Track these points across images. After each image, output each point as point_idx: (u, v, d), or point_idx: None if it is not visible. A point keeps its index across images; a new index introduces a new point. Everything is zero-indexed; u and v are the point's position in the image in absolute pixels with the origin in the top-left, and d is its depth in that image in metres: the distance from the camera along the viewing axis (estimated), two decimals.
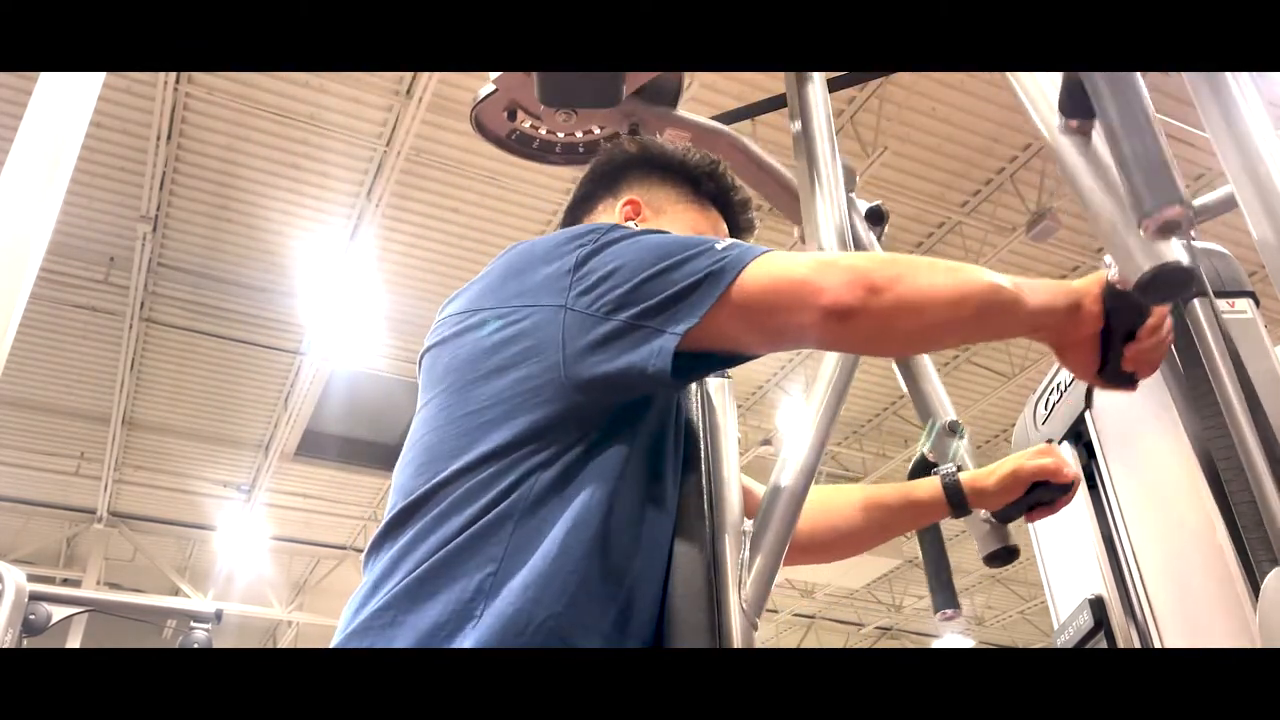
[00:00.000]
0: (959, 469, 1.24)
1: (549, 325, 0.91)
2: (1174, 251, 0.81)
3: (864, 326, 0.87)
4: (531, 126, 1.55)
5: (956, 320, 0.90)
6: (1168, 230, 0.76)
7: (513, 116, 1.52)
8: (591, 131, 1.57)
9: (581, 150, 1.60)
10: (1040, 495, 1.21)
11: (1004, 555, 1.24)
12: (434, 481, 0.90)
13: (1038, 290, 0.93)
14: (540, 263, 0.96)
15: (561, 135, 1.57)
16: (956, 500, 1.22)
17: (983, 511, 1.24)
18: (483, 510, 0.87)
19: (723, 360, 0.94)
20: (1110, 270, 0.91)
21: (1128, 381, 0.97)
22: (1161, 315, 0.95)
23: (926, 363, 1.40)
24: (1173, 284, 0.82)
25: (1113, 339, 0.94)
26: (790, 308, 0.88)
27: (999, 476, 1.20)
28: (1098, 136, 0.87)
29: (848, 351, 1.05)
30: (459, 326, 0.99)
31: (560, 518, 0.87)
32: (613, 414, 0.93)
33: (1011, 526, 1.25)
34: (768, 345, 0.95)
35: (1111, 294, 0.92)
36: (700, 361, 0.92)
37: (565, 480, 0.89)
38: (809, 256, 0.92)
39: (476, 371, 0.94)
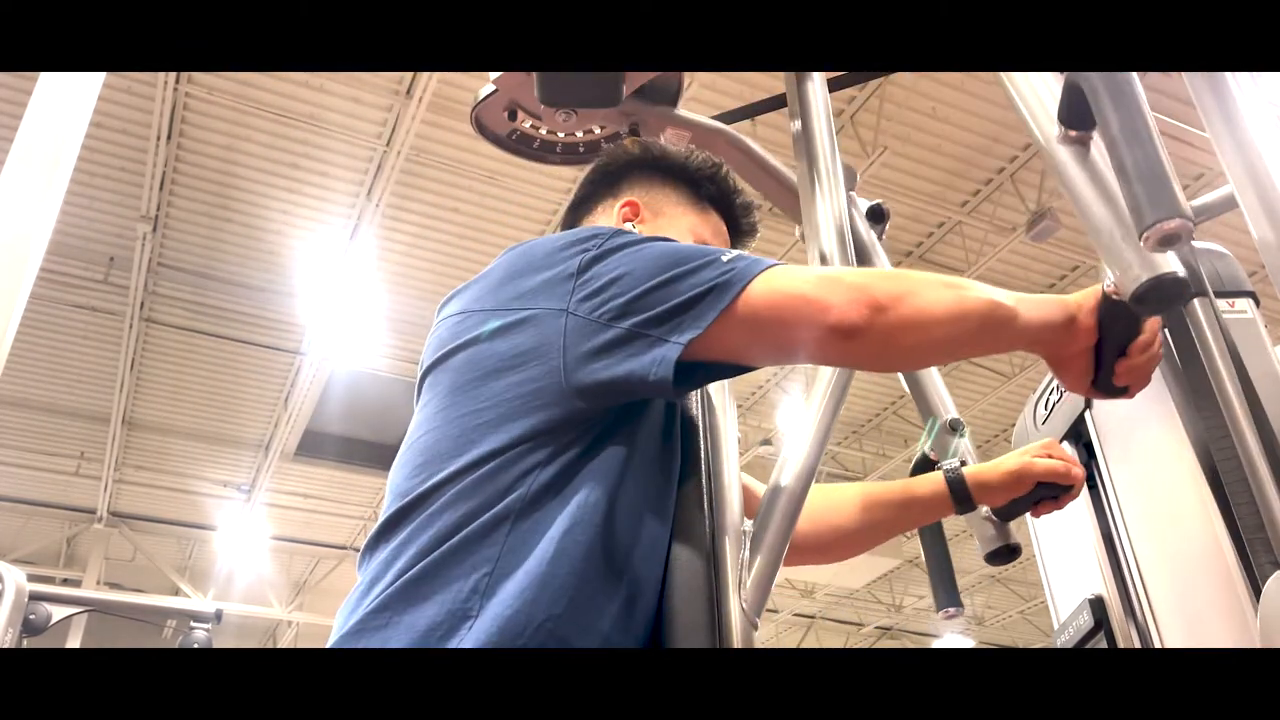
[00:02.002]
0: (963, 464, 1.24)
1: (550, 329, 0.91)
2: (1170, 262, 0.81)
3: (868, 344, 0.88)
4: (532, 126, 1.55)
5: (957, 336, 0.91)
6: (1168, 242, 0.76)
7: (513, 116, 1.52)
8: (592, 131, 1.57)
9: (582, 150, 1.60)
10: (1045, 493, 1.20)
11: (1005, 554, 1.24)
12: (430, 482, 0.89)
13: (1035, 305, 0.94)
14: (541, 265, 0.96)
15: (561, 135, 1.57)
16: (960, 495, 1.21)
17: (984, 509, 1.23)
18: (478, 510, 0.86)
19: (724, 370, 0.94)
20: (1106, 282, 0.91)
21: (1120, 392, 0.98)
22: (1153, 331, 0.96)
23: None
24: (1168, 295, 0.82)
25: (1106, 352, 0.95)
26: (795, 324, 0.88)
27: (1004, 472, 1.20)
28: (1096, 146, 0.87)
29: (850, 367, 1.05)
30: (458, 327, 0.98)
31: (557, 519, 0.87)
32: (611, 417, 0.93)
33: (1012, 524, 1.25)
34: (770, 359, 0.95)
35: (1107, 306, 0.93)
36: (701, 371, 0.92)
37: (563, 481, 0.89)
38: (815, 272, 0.93)
39: (475, 373, 0.93)
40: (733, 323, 0.88)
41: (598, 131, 1.56)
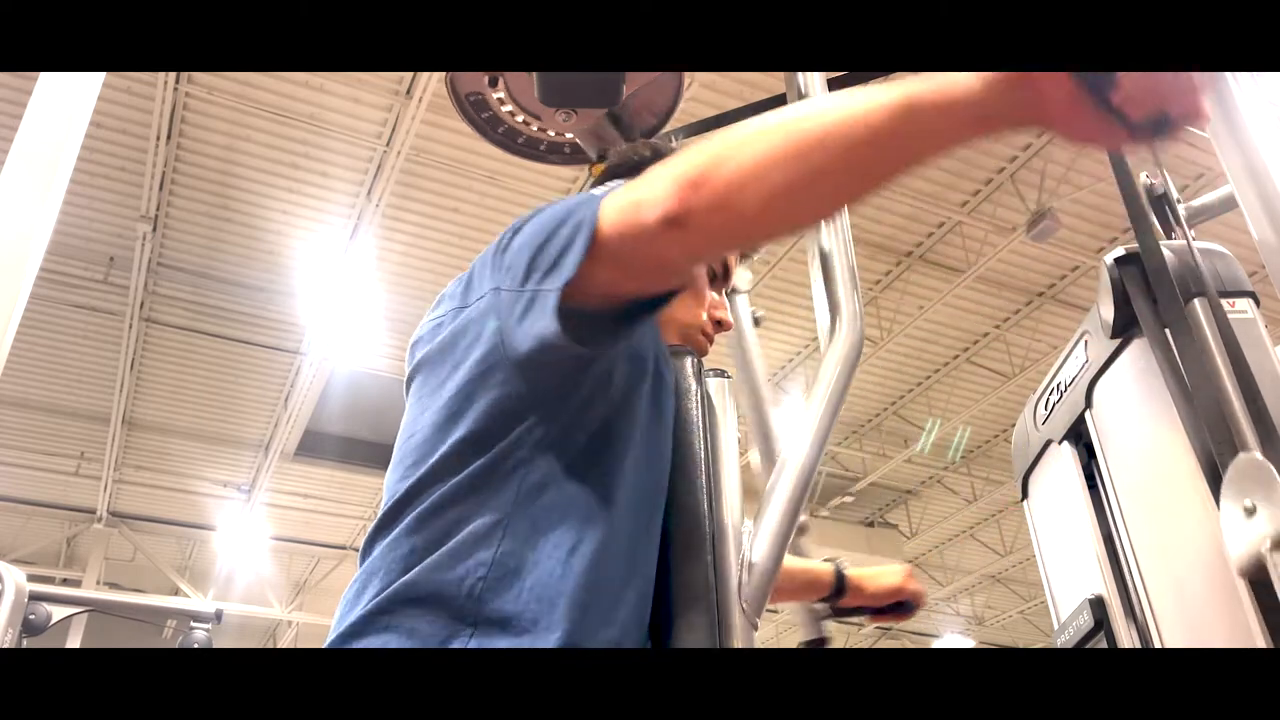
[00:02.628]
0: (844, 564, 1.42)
1: (486, 309, 0.93)
2: None
3: (705, 226, 0.79)
4: (509, 113, 1.55)
5: (820, 170, 0.75)
6: None
7: (494, 84, 1.52)
8: (561, 136, 1.58)
9: (542, 148, 1.60)
10: (893, 609, 1.42)
11: (818, 644, 1.42)
12: (416, 479, 0.90)
13: (950, 81, 0.72)
14: (488, 254, 0.98)
15: (533, 130, 1.57)
16: (839, 588, 1.39)
17: (822, 604, 1.42)
18: (471, 513, 0.86)
19: (635, 311, 0.89)
20: None
21: (1160, 127, 0.72)
22: None
23: (768, 410, 1.51)
24: None
25: (1098, 86, 0.70)
26: (634, 236, 0.82)
27: (880, 586, 1.41)
28: None
29: (708, 257, 0.97)
30: (434, 327, 1.00)
31: (552, 523, 0.86)
32: (584, 408, 0.92)
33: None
34: (647, 281, 0.88)
35: None
36: (606, 320, 0.88)
37: (553, 483, 0.88)
38: (645, 175, 0.84)
39: (442, 369, 0.95)
40: (600, 258, 0.84)
41: (566, 136, 1.57)
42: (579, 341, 0.86)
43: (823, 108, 0.76)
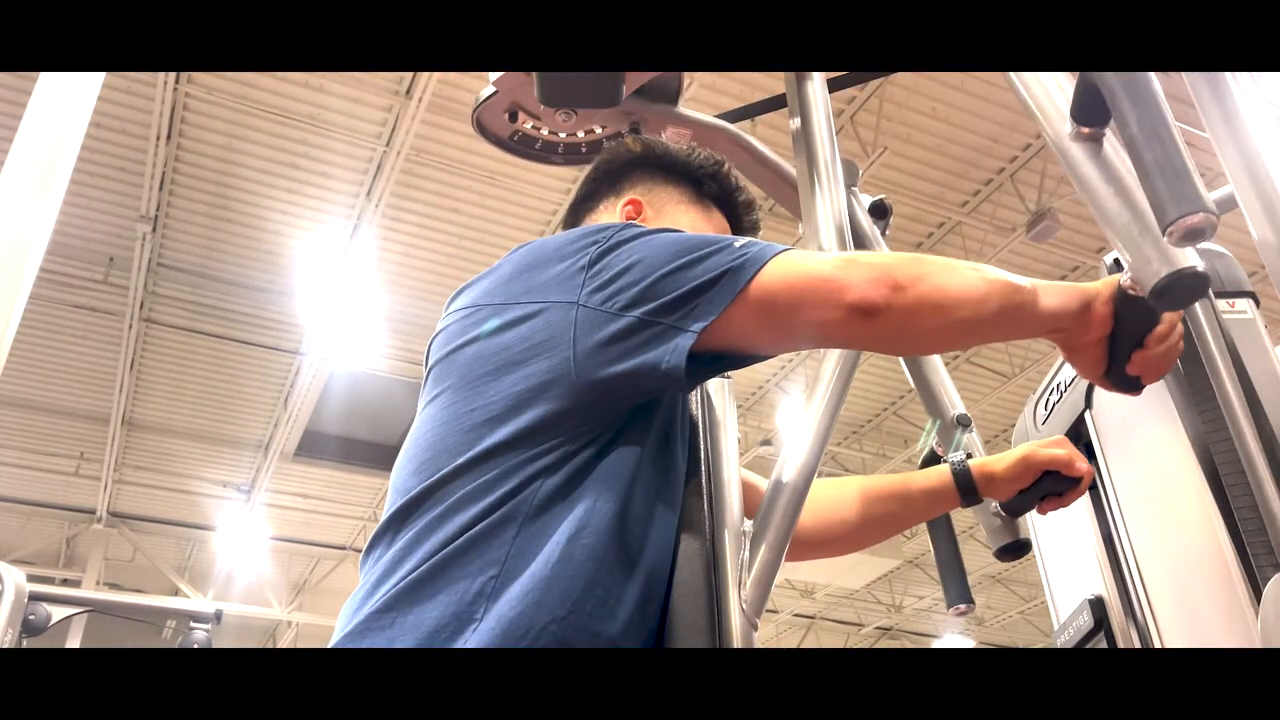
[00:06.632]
0: (968, 456, 1.22)
1: (560, 322, 0.90)
2: (1190, 257, 0.81)
3: (887, 324, 0.87)
4: (533, 127, 1.55)
5: (976, 319, 0.90)
6: (1192, 237, 0.76)
7: (514, 118, 1.52)
8: (593, 131, 1.57)
9: (584, 150, 1.60)
10: (1050, 486, 1.18)
11: (1016, 549, 1.22)
12: (435, 478, 0.89)
13: (1054, 291, 0.94)
14: (552, 260, 0.95)
15: (563, 135, 1.57)
16: (966, 487, 1.19)
17: (993, 504, 1.21)
18: (486, 511, 0.86)
19: (736, 360, 0.94)
20: (1123, 276, 0.91)
21: (1132, 385, 0.98)
22: (1172, 322, 0.95)
23: (935, 358, 1.40)
24: (1187, 290, 0.82)
25: (1120, 343, 0.95)
26: (814, 304, 0.88)
27: (1009, 463, 1.18)
28: (1109, 143, 0.87)
29: (867, 349, 1.03)
30: (465, 322, 0.97)
31: (565, 523, 0.86)
32: (621, 417, 0.92)
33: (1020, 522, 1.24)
34: (785, 343, 0.95)
35: (1123, 299, 0.93)
36: (714, 361, 0.91)
37: (571, 485, 0.88)
38: (832, 254, 0.93)
39: (483, 368, 0.92)
40: (747, 307, 0.88)
41: (599, 131, 1.56)
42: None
43: (998, 272, 0.92)
